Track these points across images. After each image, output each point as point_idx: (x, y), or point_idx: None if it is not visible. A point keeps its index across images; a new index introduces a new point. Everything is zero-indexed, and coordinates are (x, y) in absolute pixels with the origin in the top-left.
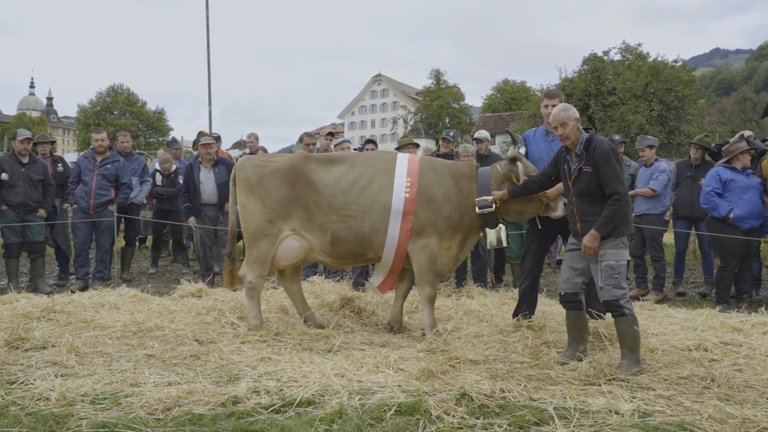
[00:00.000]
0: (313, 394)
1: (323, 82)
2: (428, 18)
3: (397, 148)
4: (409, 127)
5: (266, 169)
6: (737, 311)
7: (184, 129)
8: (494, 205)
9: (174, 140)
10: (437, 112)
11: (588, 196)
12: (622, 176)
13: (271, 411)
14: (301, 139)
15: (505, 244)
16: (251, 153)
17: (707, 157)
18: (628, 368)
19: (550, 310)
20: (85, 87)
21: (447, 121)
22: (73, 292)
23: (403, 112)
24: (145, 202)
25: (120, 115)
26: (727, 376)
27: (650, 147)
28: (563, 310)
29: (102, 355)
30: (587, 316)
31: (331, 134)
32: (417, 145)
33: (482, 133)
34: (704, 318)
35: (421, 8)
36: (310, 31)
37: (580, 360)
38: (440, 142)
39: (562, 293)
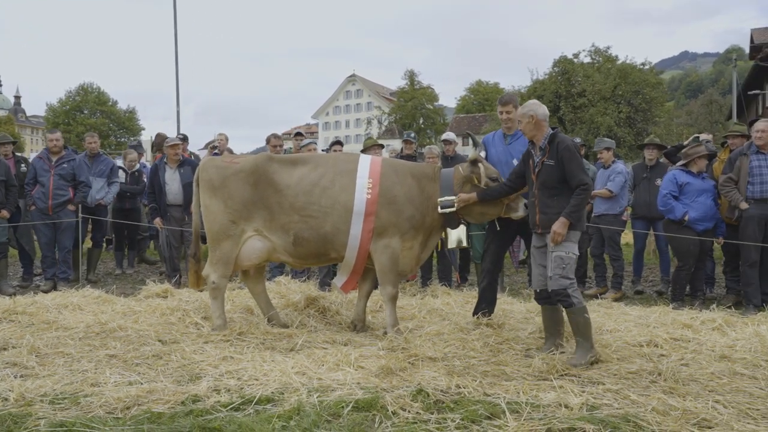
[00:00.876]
0: (272, 392)
1: (299, 82)
2: (403, 18)
3: (362, 150)
4: (384, 128)
5: (229, 170)
6: (690, 308)
7: (156, 128)
8: (456, 206)
9: (139, 144)
10: (411, 112)
11: (548, 189)
12: (585, 169)
13: (230, 409)
14: (268, 141)
15: (465, 244)
16: (219, 153)
17: (662, 159)
18: (582, 355)
19: (510, 308)
20: (55, 85)
21: (421, 121)
22: (45, 291)
23: (378, 113)
24: (110, 203)
25: (90, 114)
26: (673, 371)
27: (607, 149)
28: (524, 309)
29: (63, 356)
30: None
31: (299, 134)
32: (382, 146)
33: (449, 135)
34: (657, 315)
35: (397, 9)
36: (288, 30)
37: (559, 350)
38: (402, 144)
39: (538, 290)
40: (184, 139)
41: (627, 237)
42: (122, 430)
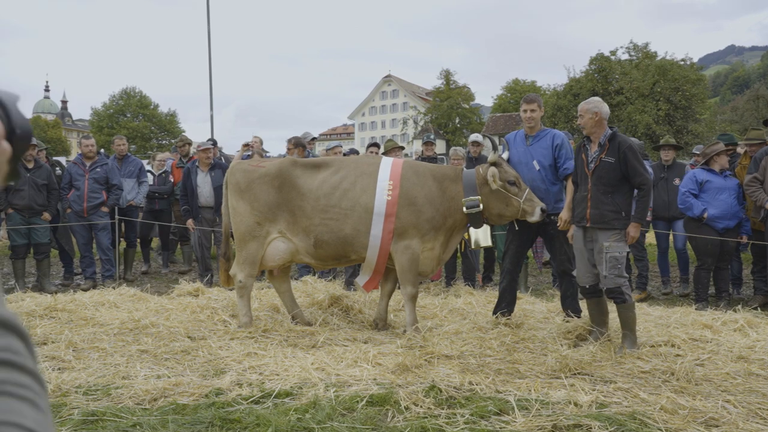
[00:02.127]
0: (291, 387)
1: (336, 83)
2: (439, 18)
3: (383, 153)
4: (419, 128)
5: (255, 173)
6: (714, 309)
7: (196, 131)
8: (481, 206)
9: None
10: (447, 112)
11: (603, 185)
12: (646, 169)
13: (251, 402)
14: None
15: (489, 243)
16: (251, 155)
17: (678, 159)
18: (631, 345)
19: (531, 308)
20: (99, 90)
21: (457, 121)
22: (85, 290)
23: (413, 113)
24: (142, 204)
25: (133, 117)
26: (687, 371)
27: None
28: (544, 309)
29: (98, 351)
30: (606, 301)
31: (314, 139)
32: (402, 148)
33: (477, 137)
34: (678, 316)
35: (432, 8)
36: (323, 32)
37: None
38: (422, 146)
39: (587, 286)
40: (214, 144)
41: (650, 237)
42: (149, 420)
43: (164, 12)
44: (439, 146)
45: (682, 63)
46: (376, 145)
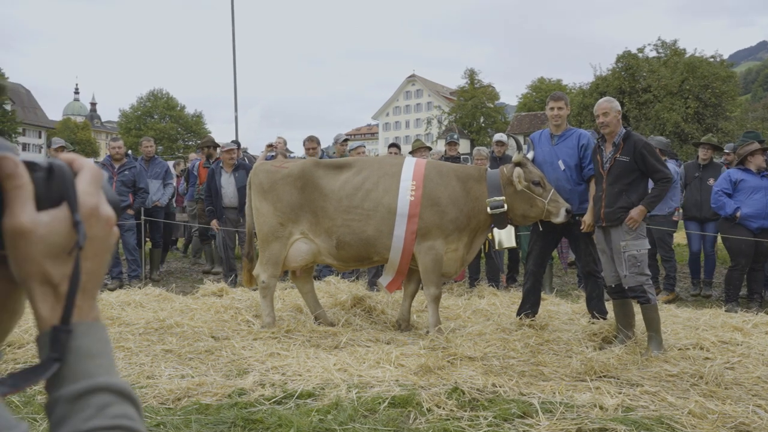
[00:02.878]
0: (313, 387)
1: (360, 84)
2: (464, 17)
3: (410, 152)
4: (443, 127)
5: (278, 174)
6: (745, 311)
7: (222, 131)
8: (506, 206)
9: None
10: (471, 111)
11: (618, 184)
12: (664, 163)
13: (273, 402)
14: (303, 143)
15: (513, 244)
16: (275, 156)
17: (715, 159)
18: (656, 347)
19: (557, 309)
20: (128, 92)
21: (482, 120)
22: (111, 290)
23: (437, 113)
24: (175, 204)
25: (160, 119)
26: (716, 374)
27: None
28: (569, 310)
29: (124, 350)
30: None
31: (346, 141)
32: (429, 149)
33: (501, 136)
34: (708, 318)
35: (457, 7)
36: (349, 33)
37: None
38: (446, 146)
39: (613, 285)
40: (238, 145)
41: (678, 237)
42: (172, 419)
43: (190, 14)
44: (464, 146)
45: (712, 60)
46: (395, 145)
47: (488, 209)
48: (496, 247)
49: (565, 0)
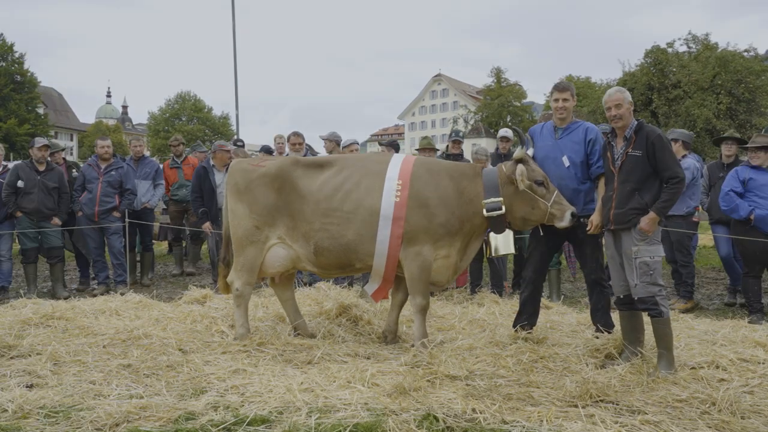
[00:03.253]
0: (270, 411)
1: (388, 84)
2: (490, 15)
3: (416, 150)
4: (470, 127)
5: (254, 173)
6: None
7: (250, 133)
8: (504, 208)
9: (198, 144)
10: (498, 110)
11: (630, 182)
12: (678, 161)
13: (221, 429)
14: (288, 139)
15: (511, 251)
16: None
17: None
18: (667, 367)
19: (560, 320)
20: (157, 95)
21: (508, 119)
22: (94, 295)
23: (464, 112)
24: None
25: (188, 121)
26: (731, 400)
27: (674, 141)
28: (574, 320)
29: (79, 365)
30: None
31: (350, 144)
32: (436, 150)
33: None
34: (727, 331)
35: (483, 5)
36: (377, 33)
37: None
38: (449, 143)
39: (621, 296)
40: (242, 145)
41: (704, 239)
42: None
43: (219, 17)
44: (490, 145)
45: (746, 54)
46: (393, 144)
47: (484, 211)
48: (492, 254)
49: None
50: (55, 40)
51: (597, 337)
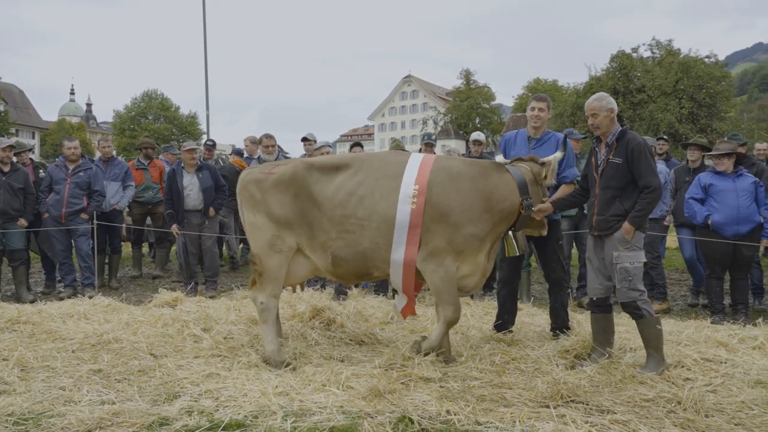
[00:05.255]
0: (245, 416)
1: (360, 85)
2: (460, 18)
3: None
4: (439, 128)
5: (267, 182)
6: (732, 323)
7: (221, 133)
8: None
9: (171, 145)
10: (467, 112)
11: (610, 189)
12: (656, 170)
13: None
14: (259, 141)
15: (525, 250)
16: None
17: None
18: (655, 367)
19: (531, 321)
20: (124, 92)
21: (477, 121)
22: (61, 299)
23: (433, 113)
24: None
25: (154, 119)
26: (695, 399)
27: None
28: (542, 322)
29: (48, 370)
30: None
31: (305, 139)
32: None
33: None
34: (691, 331)
35: (454, 8)
36: (349, 34)
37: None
38: (421, 147)
39: (594, 298)
40: (213, 145)
41: (668, 242)
42: None
43: (187, 15)
44: (459, 146)
45: (707, 60)
46: (358, 144)
47: (523, 210)
48: (510, 254)
49: (564, 3)
50: (16, 36)
51: (556, 338)
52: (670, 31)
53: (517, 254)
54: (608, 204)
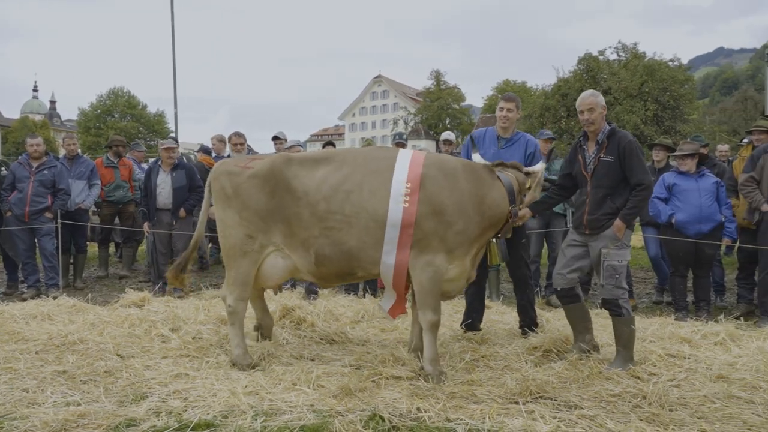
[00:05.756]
0: (215, 416)
1: (331, 84)
2: (431, 19)
3: None
4: (410, 128)
5: (242, 176)
6: (695, 320)
7: (190, 131)
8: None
9: (137, 143)
10: (437, 113)
11: (602, 188)
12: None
13: None
14: (229, 139)
15: (507, 258)
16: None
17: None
18: (622, 364)
19: (500, 319)
20: (89, 90)
21: (447, 121)
22: (23, 299)
23: (404, 113)
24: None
25: (120, 118)
26: (660, 394)
27: None
28: (511, 320)
29: (10, 372)
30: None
31: (276, 138)
32: None
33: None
34: (656, 327)
35: (424, 9)
36: (321, 33)
37: (596, 349)
38: (393, 146)
39: (558, 289)
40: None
41: (633, 240)
42: None
43: (155, 12)
44: (429, 146)
45: (671, 63)
46: (330, 144)
47: (511, 219)
48: (499, 261)
49: (535, 6)
50: None
51: (525, 335)
52: (635, 34)
53: (500, 263)
54: (600, 202)
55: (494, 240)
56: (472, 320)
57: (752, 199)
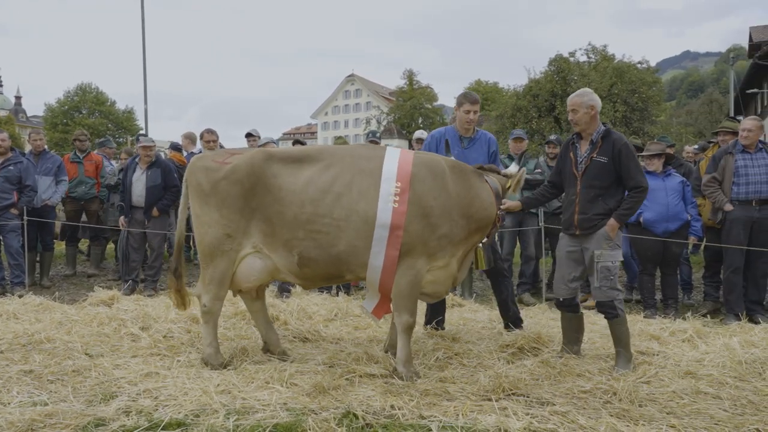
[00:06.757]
0: (186, 415)
1: (304, 82)
2: (404, 18)
3: None
4: (383, 128)
5: (220, 172)
6: (664, 317)
7: (161, 128)
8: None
9: (108, 139)
10: (410, 112)
11: (594, 188)
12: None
13: None
14: (201, 136)
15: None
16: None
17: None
18: (625, 365)
19: (473, 317)
20: (56, 86)
21: (420, 121)
22: None
23: (376, 113)
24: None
25: (88, 114)
26: (630, 390)
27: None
28: (486, 317)
29: None
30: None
31: (249, 135)
32: None
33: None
34: None
35: (398, 9)
36: (294, 30)
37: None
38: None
39: (561, 299)
40: (137, 139)
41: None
42: None
43: (125, 7)
44: (402, 145)
45: (639, 66)
46: (299, 142)
47: (498, 222)
48: (485, 266)
49: (509, 7)
50: None
51: (507, 333)
52: (610, 37)
53: (486, 268)
54: (591, 203)
55: (481, 245)
56: (437, 319)
57: (715, 199)
